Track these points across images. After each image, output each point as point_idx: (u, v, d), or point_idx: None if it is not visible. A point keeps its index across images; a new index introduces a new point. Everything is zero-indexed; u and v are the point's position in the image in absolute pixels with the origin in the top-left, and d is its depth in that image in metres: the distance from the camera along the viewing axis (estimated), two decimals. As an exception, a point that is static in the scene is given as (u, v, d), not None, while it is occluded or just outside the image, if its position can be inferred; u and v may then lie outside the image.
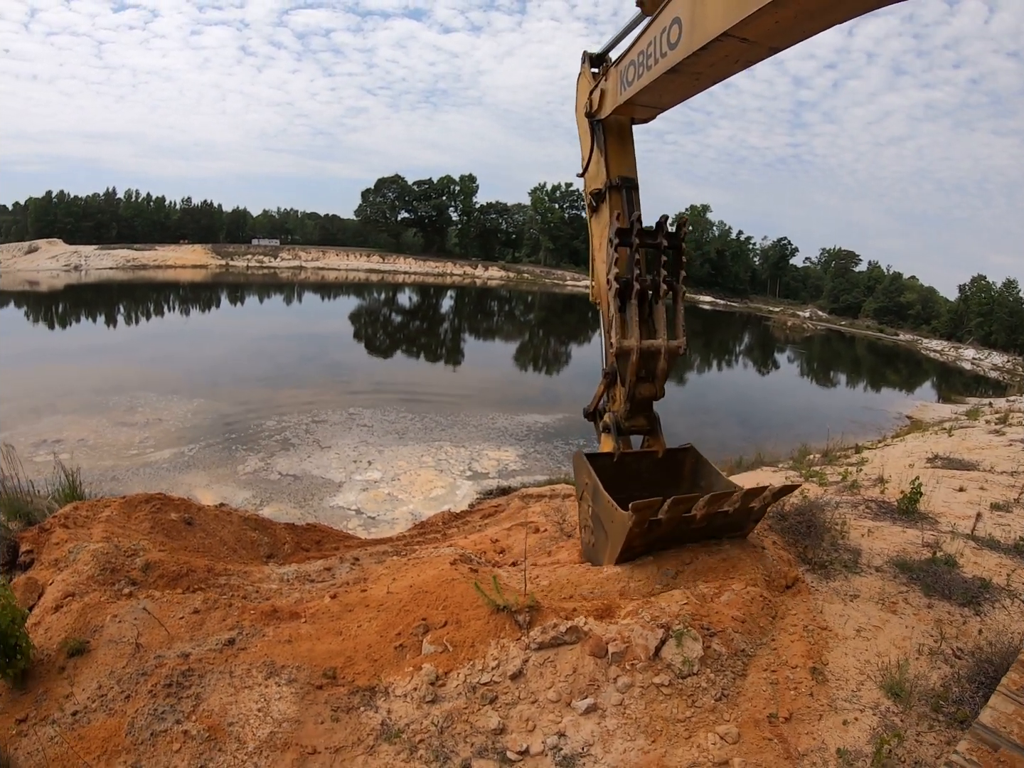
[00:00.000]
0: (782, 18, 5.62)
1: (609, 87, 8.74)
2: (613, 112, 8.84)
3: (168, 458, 21.47)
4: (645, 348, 8.41)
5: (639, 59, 7.81)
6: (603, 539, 7.99)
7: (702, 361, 65.04)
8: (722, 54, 6.54)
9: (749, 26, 5.84)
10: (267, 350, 45.59)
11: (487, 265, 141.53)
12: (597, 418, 9.71)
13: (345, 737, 5.37)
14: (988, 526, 10.73)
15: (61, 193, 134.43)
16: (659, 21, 7.28)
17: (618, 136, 9.22)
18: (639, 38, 7.84)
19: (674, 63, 6.99)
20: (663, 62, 7.21)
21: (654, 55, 7.39)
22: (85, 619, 6.68)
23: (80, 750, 5.19)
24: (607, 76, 8.79)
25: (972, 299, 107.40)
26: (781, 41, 6.25)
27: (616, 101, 8.55)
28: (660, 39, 7.21)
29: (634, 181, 9.09)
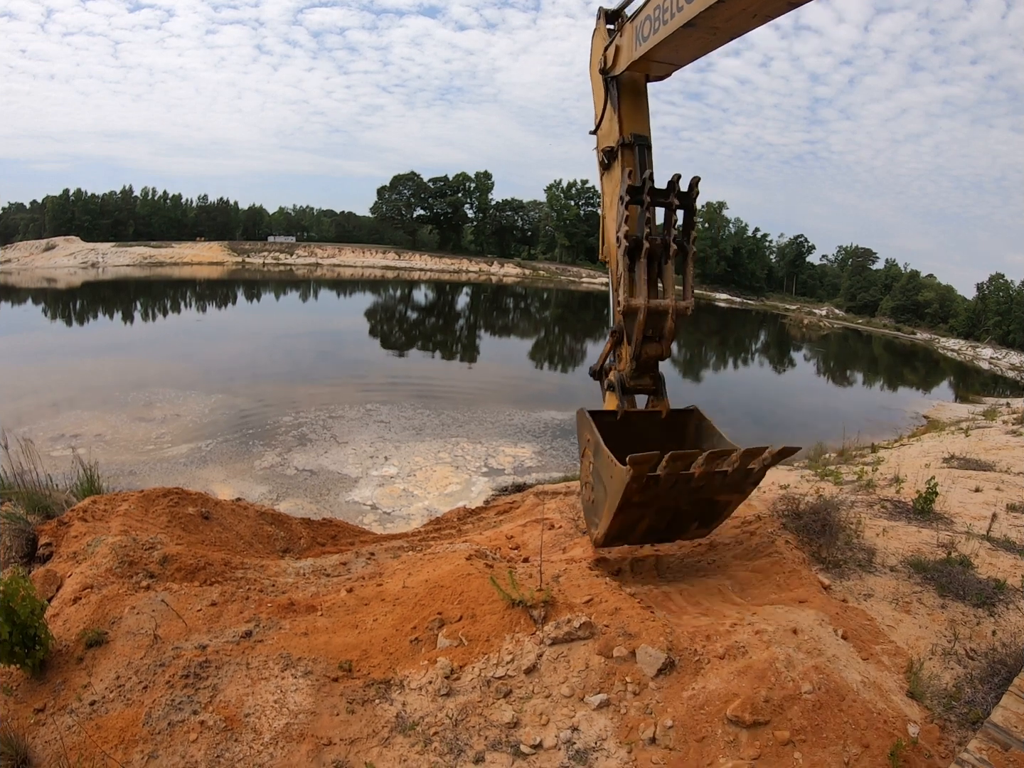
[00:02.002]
0: None
1: (624, 43, 8.66)
2: (628, 68, 8.75)
3: (185, 453, 21.55)
4: (653, 307, 8.33)
5: (655, 14, 7.69)
6: (602, 495, 7.93)
7: (718, 359, 64.79)
8: (740, 7, 6.45)
9: None
10: (284, 346, 45.73)
11: (503, 262, 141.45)
12: (603, 376, 9.68)
13: (360, 729, 5.41)
14: (1004, 527, 10.69)
15: (78, 191, 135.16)
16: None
17: (632, 94, 9.10)
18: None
19: (690, 16, 6.88)
20: (679, 16, 7.09)
21: (670, 9, 7.27)
22: (103, 611, 6.74)
23: (98, 739, 5.24)
24: (622, 32, 8.73)
25: (990, 298, 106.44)
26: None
27: (631, 56, 8.46)
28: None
29: (647, 139, 8.93)
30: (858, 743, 5.06)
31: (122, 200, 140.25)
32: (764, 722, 5.14)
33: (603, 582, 7.39)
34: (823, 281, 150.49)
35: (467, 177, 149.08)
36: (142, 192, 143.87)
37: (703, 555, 9.27)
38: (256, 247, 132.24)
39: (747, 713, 5.15)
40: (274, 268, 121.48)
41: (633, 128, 8.90)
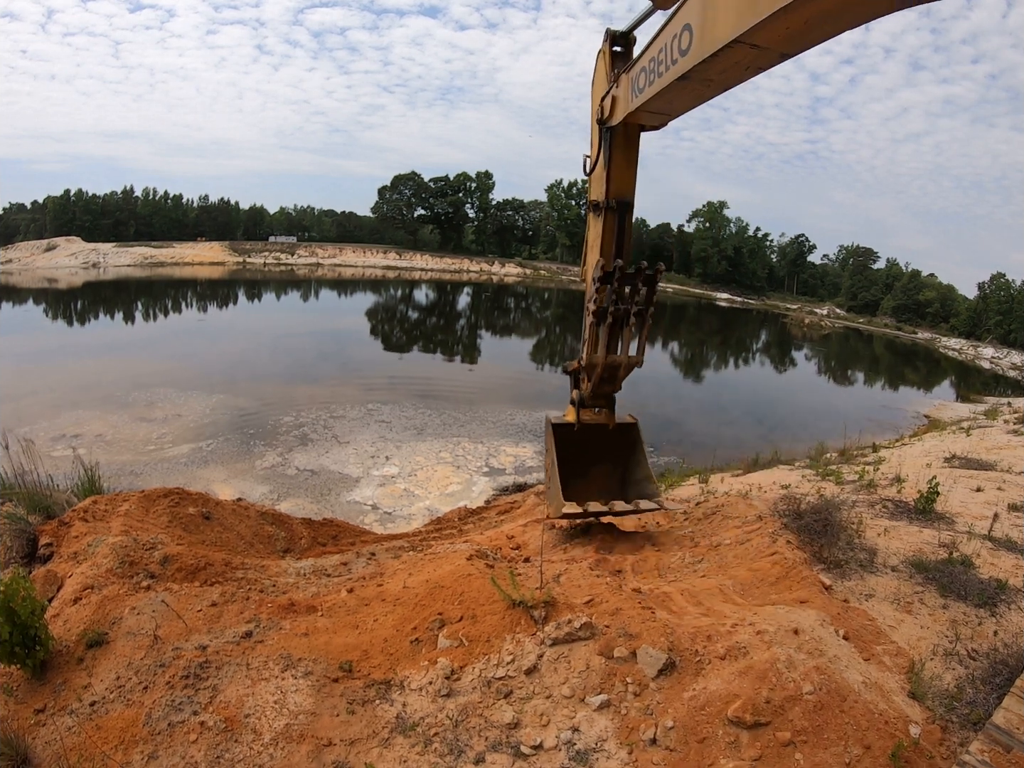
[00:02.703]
0: (792, 24, 5.60)
1: (621, 94, 8.90)
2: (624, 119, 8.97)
3: (186, 453, 21.57)
4: (608, 363, 9.89)
5: (650, 65, 7.92)
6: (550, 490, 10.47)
7: (719, 359, 64.85)
8: (733, 60, 6.55)
9: (760, 32, 5.84)
10: (285, 346, 45.78)
11: (504, 262, 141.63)
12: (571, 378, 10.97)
13: (360, 730, 5.40)
14: (1005, 527, 10.68)
15: (79, 191, 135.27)
16: (670, 27, 7.35)
17: (625, 147, 9.50)
18: (650, 44, 7.93)
19: (685, 69, 7.03)
20: (674, 68, 7.27)
21: (665, 61, 7.48)
22: (104, 611, 6.75)
23: (98, 740, 5.24)
24: (618, 82, 8.94)
25: (991, 297, 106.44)
26: (791, 47, 6.26)
27: (628, 108, 8.68)
28: (671, 45, 7.30)
29: (629, 203, 9.63)
30: (859, 744, 5.04)
31: (123, 200, 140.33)
32: (765, 723, 5.13)
33: (604, 582, 7.38)
34: (824, 280, 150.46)
35: (468, 177, 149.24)
36: (143, 192, 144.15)
37: (704, 555, 9.27)
38: (257, 247, 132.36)
39: (748, 714, 5.14)
40: (275, 268, 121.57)
41: (619, 190, 9.59)
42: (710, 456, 21.04)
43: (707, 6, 6.50)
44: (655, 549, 9.82)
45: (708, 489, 15.09)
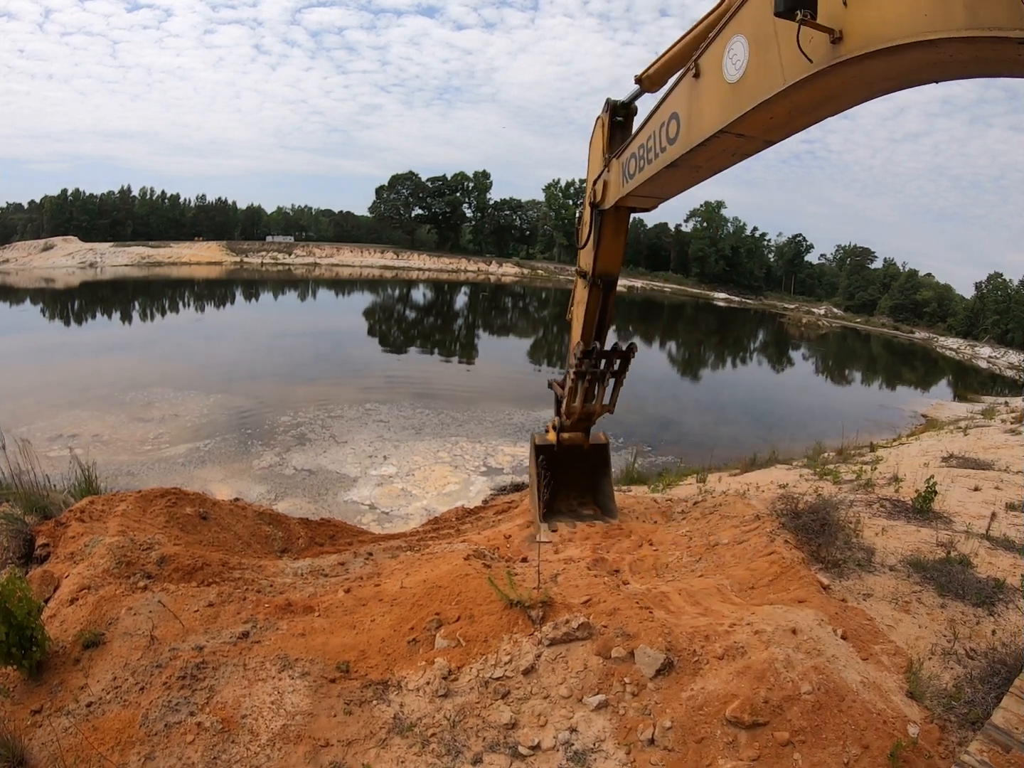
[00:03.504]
0: (776, 114, 5.83)
1: (612, 178, 9.34)
2: (615, 203, 9.43)
3: (184, 453, 21.54)
4: (585, 411, 11.34)
5: (640, 151, 8.26)
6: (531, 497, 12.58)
7: (717, 359, 64.87)
8: (720, 148, 6.83)
9: (744, 123, 6.09)
10: (282, 346, 45.72)
11: (501, 262, 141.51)
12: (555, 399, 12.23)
13: (357, 730, 5.39)
14: (1003, 526, 10.69)
15: (76, 191, 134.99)
16: (658, 116, 7.67)
17: (615, 227, 10.08)
18: (639, 131, 8.28)
19: (674, 157, 7.34)
20: (663, 156, 7.59)
21: (654, 148, 7.80)
22: (100, 612, 6.73)
23: (94, 741, 5.23)
24: (609, 167, 9.37)
25: (988, 297, 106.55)
26: (776, 135, 6.54)
27: (619, 193, 9.14)
28: (660, 133, 7.60)
29: (614, 280, 10.59)
30: (858, 744, 5.04)
31: (120, 200, 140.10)
32: (763, 723, 5.12)
33: (601, 582, 7.38)
34: (821, 280, 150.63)
35: (465, 177, 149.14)
36: (140, 192, 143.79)
37: (702, 555, 9.26)
38: (254, 247, 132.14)
39: (746, 714, 5.13)
40: (272, 268, 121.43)
41: (605, 268, 10.38)
42: (708, 455, 21.06)
43: (693, 97, 6.80)
44: (653, 549, 9.82)
45: (706, 488, 15.11)
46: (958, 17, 3.81)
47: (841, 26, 4.62)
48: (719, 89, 6.28)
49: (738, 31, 5.93)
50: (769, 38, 5.44)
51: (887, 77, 4.85)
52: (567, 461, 12.32)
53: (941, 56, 4.11)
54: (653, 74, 8.59)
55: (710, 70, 6.45)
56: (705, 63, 6.55)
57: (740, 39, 5.87)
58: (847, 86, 5.14)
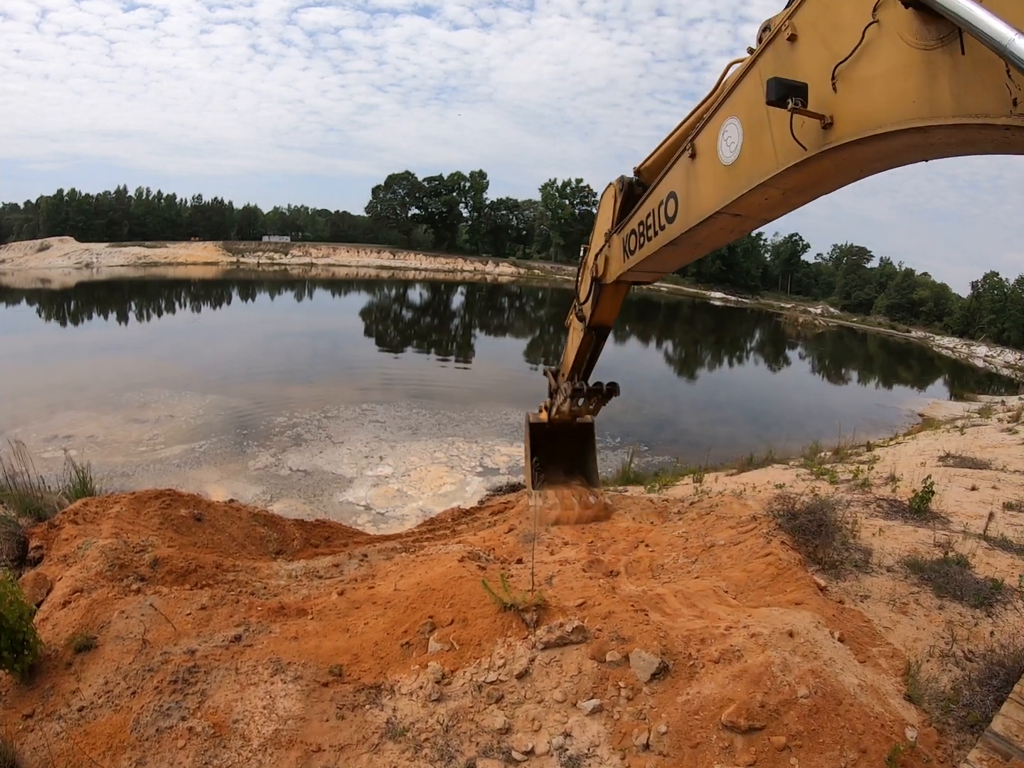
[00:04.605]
0: (771, 196, 6.01)
1: (613, 255, 9.67)
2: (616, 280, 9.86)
3: (179, 454, 21.48)
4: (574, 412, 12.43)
5: (639, 228, 8.51)
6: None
7: (713, 358, 64.88)
8: (717, 227, 7.01)
9: (740, 204, 6.28)
10: (279, 347, 45.62)
11: (498, 261, 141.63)
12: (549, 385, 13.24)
13: (350, 735, 5.35)
14: (1000, 526, 10.67)
15: (72, 191, 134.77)
16: (656, 194, 7.92)
17: (613, 295, 10.64)
18: (638, 208, 8.55)
19: (673, 236, 7.58)
20: (663, 235, 7.83)
21: (654, 226, 8.04)
22: (93, 615, 6.68)
23: (85, 746, 5.19)
24: (610, 243, 9.66)
25: (985, 296, 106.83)
26: (771, 215, 6.79)
27: (620, 270, 9.53)
28: (659, 211, 7.84)
29: (608, 330, 11.42)
30: (855, 748, 5.00)
31: (116, 200, 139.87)
32: (760, 727, 5.09)
33: (596, 584, 7.35)
34: (818, 280, 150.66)
35: (462, 176, 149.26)
36: (136, 192, 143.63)
37: (698, 556, 9.23)
38: (251, 247, 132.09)
39: (742, 718, 5.10)
40: (269, 268, 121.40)
41: (600, 320, 11.02)
42: (704, 455, 21.03)
43: (690, 177, 7.04)
44: (649, 550, 9.79)
45: (702, 489, 15.08)
46: (946, 105, 3.90)
47: (832, 112, 4.76)
48: (715, 170, 6.49)
49: (732, 114, 6.13)
50: (762, 122, 5.61)
51: (877, 159, 4.99)
52: (557, 437, 13.44)
53: (930, 140, 4.21)
54: (651, 165, 8.80)
55: (706, 151, 6.67)
56: (701, 144, 6.75)
57: (734, 121, 6.07)
58: (839, 168, 5.29)
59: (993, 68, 3.51)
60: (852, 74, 4.56)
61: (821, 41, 4.87)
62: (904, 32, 4.07)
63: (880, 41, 4.29)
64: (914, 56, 4.04)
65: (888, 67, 4.27)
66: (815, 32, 4.94)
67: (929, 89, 3.97)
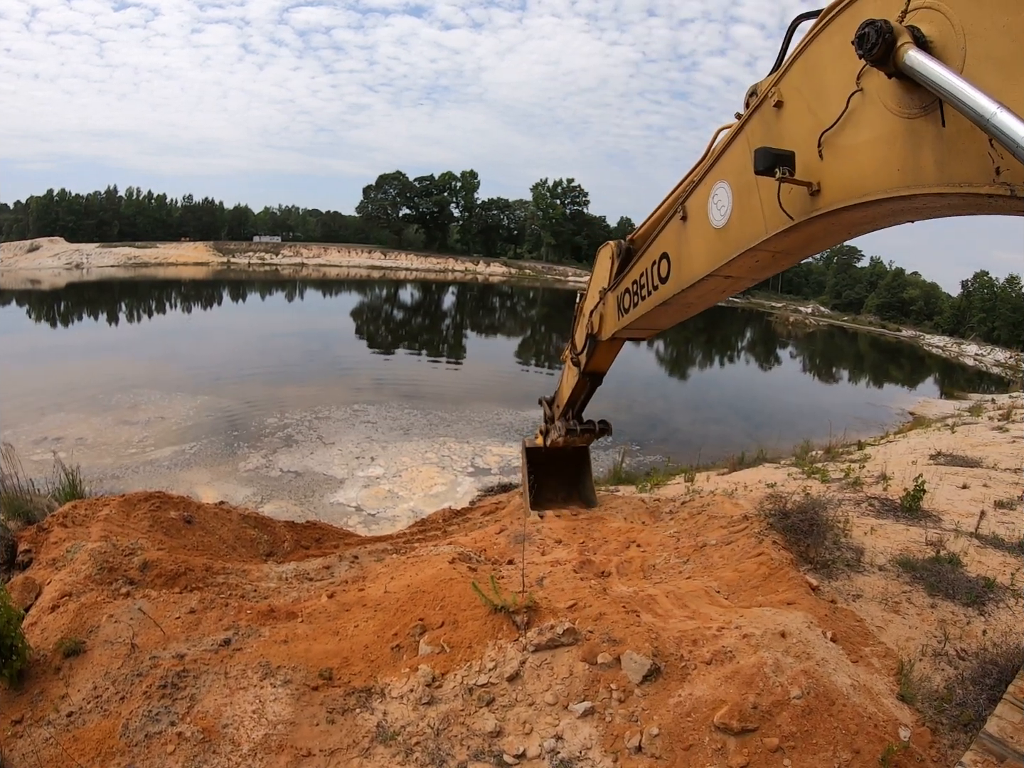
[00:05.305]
0: (761, 259, 6.12)
1: (607, 312, 9.90)
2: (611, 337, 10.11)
3: (169, 455, 21.44)
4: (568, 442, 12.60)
5: (633, 287, 8.73)
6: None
7: (704, 358, 65.03)
8: (709, 288, 7.19)
9: (732, 267, 6.40)
10: (270, 347, 45.60)
11: (489, 261, 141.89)
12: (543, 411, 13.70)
13: (340, 739, 5.31)
14: (992, 524, 10.69)
15: (62, 191, 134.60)
16: (649, 254, 8.09)
17: (608, 350, 10.89)
18: (631, 267, 8.78)
19: (665, 297, 7.78)
20: (656, 295, 8.03)
21: (647, 286, 8.25)
22: (81, 619, 6.63)
23: (74, 751, 5.15)
24: (605, 301, 9.86)
25: (975, 295, 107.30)
26: (762, 275, 6.95)
27: (614, 328, 9.76)
28: (651, 271, 8.03)
29: (601, 376, 11.59)
30: (848, 748, 4.99)
31: (107, 200, 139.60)
32: (752, 729, 5.07)
33: (587, 585, 7.32)
34: (808, 279, 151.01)
35: (453, 176, 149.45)
36: (127, 192, 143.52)
37: (690, 556, 9.21)
38: (241, 247, 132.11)
39: (735, 720, 5.08)
40: (259, 268, 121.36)
41: (595, 367, 11.29)
42: (696, 454, 21.03)
43: (682, 240, 7.21)
44: (640, 550, 9.77)
45: (694, 488, 15.08)
46: (930, 174, 3.95)
47: (819, 179, 4.85)
48: (706, 233, 6.61)
49: (721, 178, 6.26)
50: (751, 187, 5.72)
51: (864, 222, 5.07)
52: (553, 461, 13.46)
53: (915, 205, 4.27)
54: (644, 233, 8.96)
55: (697, 214, 6.81)
56: (692, 207, 6.91)
57: (723, 185, 6.21)
58: (827, 231, 5.37)
59: (975, 136, 3.54)
60: (838, 142, 4.63)
61: (807, 108, 4.93)
62: (887, 101, 4.12)
63: (864, 109, 4.35)
64: (898, 125, 4.10)
65: (872, 135, 4.33)
66: (801, 99, 5.00)
67: (913, 158, 4.02)
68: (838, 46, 4.47)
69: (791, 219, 5.16)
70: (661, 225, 7.69)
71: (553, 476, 13.62)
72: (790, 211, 5.14)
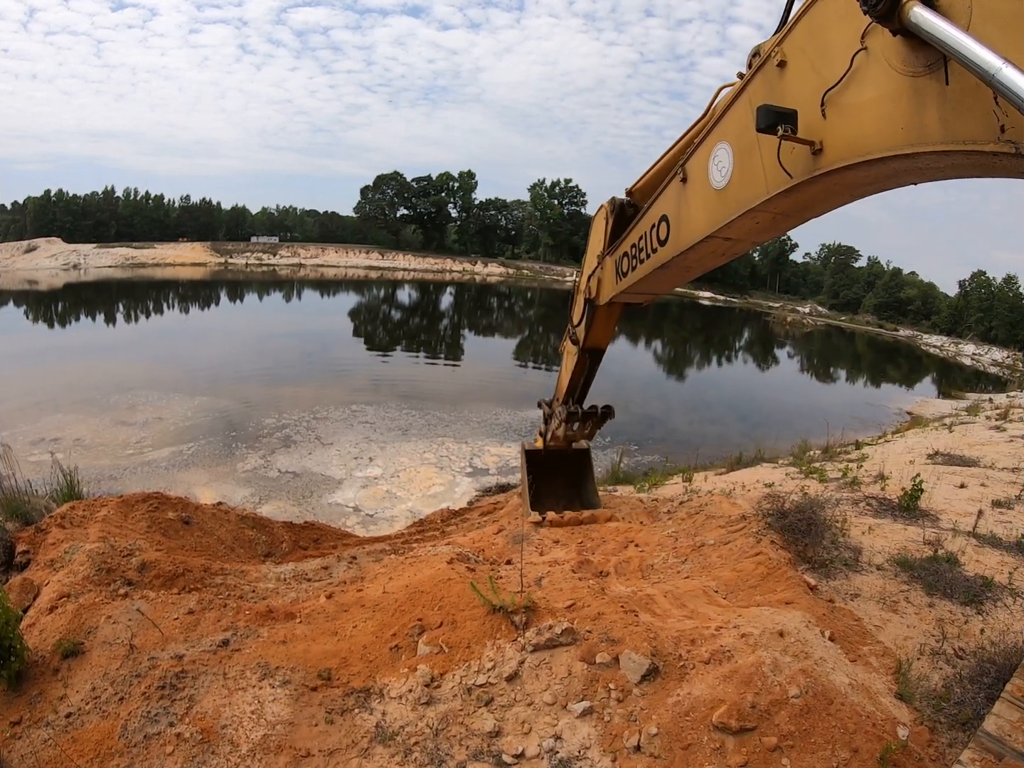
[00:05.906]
0: (761, 220, 6.08)
1: (605, 277, 9.73)
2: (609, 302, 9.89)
3: (167, 456, 21.41)
4: (569, 437, 12.29)
5: (632, 251, 8.59)
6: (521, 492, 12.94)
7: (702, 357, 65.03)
8: (709, 251, 7.10)
9: (731, 228, 6.35)
10: (268, 348, 45.56)
11: (487, 262, 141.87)
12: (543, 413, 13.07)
13: (339, 740, 5.31)
14: (990, 523, 10.70)
15: (60, 192, 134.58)
16: (648, 217, 8.00)
17: (606, 316, 10.57)
18: (631, 231, 8.64)
19: (664, 260, 7.66)
20: (654, 258, 7.92)
21: (646, 249, 8.12)
22: (80, 620, 6.62)
23: (73, 753, 5.14)
24: (603, 265, 9.69)
25: (972, 295, 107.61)
26: (762, 238, 6.93)
27: (612, 292, 9.59)
28: (650, 234, 7.93)
29: (601, 352, 11.26)
30: (847, 747, 4.99)
31: (104, 201, 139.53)
32: (751, 728, 5.07)
33: (586, 585, 7.31)
34: (806, 279, 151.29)
35: (450, 176, 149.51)
36: (124, 193, 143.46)
37: (688, 556, 9.22)
38: (239, 248, 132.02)
39: (733, 719, 5.08)
40: (257, 269, 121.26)
41: (595, 343, 10.98)
42: (694, 454, 21.03)
43: (682, 202, 7.14)
44: (639, 550, 9.76)
45: (692, 488, 15.09)
46: (934, 131, 3.92)
47: (821, 138, 4.80)
48: (706, 195, 6.56)
49: (722, 139, 6.19)
50: (752, 147, 5.67)
51: (867, 183, 5.03)
52: (553, 464, 12.99)
53: (918, 164, 4.24)
54: (643, 186, 8.89)
55: (697, 176, 6.74)
56: (692, 168, 6.83)
57: (724, 146, 6.14)
58: (829, 192, 5.35)
59: (980, 94, 3.52)
60: (841, 100, 4.59)
61: (810, 67, 4.90)
62: (892, 59, 4.09)
63: (868, 68, 4.31)
64: (902, 83, 4.06)
65: (876, 94, 4.29)
66: (804, 58, 4.97)
67: (917, 116, 3.99)
68: (843, 5, 4.45)
69: (791, 178, 5.15)
70: (660, 189, 7.64)
71: (554, 479, 13.09)
72: (791, 171, 5.14)
